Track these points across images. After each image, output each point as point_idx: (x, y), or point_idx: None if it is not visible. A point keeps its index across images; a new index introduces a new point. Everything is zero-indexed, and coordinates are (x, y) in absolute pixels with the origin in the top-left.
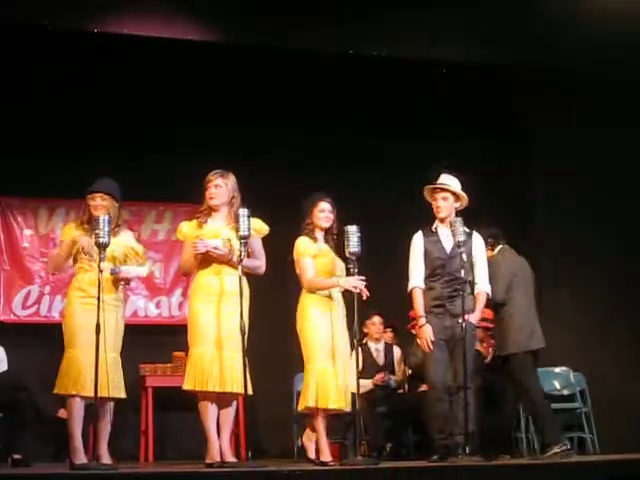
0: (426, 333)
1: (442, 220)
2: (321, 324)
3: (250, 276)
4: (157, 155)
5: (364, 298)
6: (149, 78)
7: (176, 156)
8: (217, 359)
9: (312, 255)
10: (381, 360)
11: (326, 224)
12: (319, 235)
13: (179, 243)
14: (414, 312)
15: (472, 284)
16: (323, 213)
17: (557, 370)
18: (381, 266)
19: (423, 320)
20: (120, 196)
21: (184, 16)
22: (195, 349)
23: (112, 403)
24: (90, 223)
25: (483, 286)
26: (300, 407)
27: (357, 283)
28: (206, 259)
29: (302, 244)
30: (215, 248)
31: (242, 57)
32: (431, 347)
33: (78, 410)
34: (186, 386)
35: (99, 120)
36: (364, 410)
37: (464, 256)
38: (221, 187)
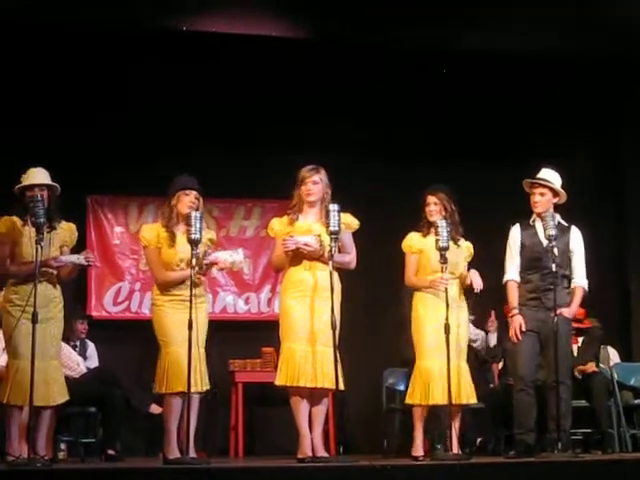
0: (516, 323)
1: (538, 214)
2: (425, 322)
3: (342, 271)
4: (245, 152)
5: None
6: (237, 75)
7: (264, 152)
8: (309, 354)
9: (414, 251)
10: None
11: (431, 218)
12: (432, 229)
13: (268, 239)
14: (508, 306)
15: (569, 279)
16: (428, 207)
17: None
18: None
19: (515, 311)
20: None
21: (271, 13)
22: (287, 344)
23: (200, 397)
24: (177, 222)
25: (579, 281)
26: (408, 401)
27: (438, 284)
28: (297, 255)
29: (406, 240)
30: (305, 244)
31: (329, 52)
32: (519, 337)
33: (177, 406)
34: (278, 382)
35: (188, 118)
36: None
37: (555, 250)
38: (318, 183)
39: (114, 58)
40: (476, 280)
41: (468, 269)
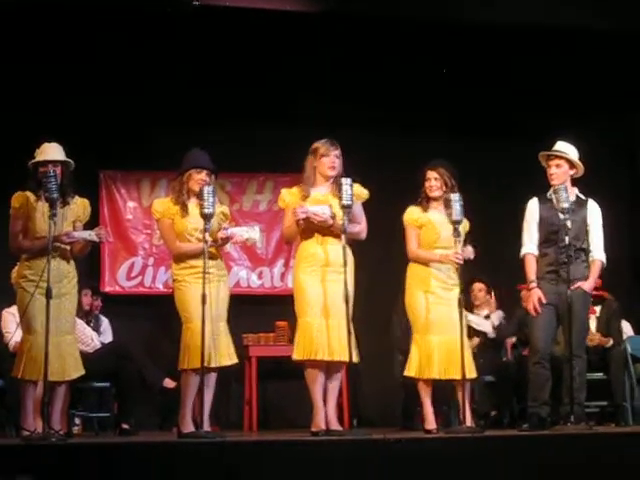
0: (534, 296)
1: (553, 187)
2: (420, 295)
3: (354, 244)
4: (257, 126)
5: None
6: (250, 50)
7: (276, 126)
8: (324, 328)
9: (417, 226)
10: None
11: (431, 193)
12: (433, 204)
13: (281, 213)
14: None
15: (587, 252)
16: (429, 182)
17: None
18: (494, 232)
19: (534, 284)
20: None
21: None
22: (304, 319)
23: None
24: (188, 198)
25: (597, 254)
26: (406, 373)
27: (454, 258)
28: (309, 228)
29: (407, 214)
30: (315, 214)
31: (343, 26)
32: (539, 310)
33: (195, 381)
34: (296, 356)
35: (199, 93)
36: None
37: (569, 223)
38: (339, 157)
39: (126, 32)
40: (467, 253)
41: (465, 244)
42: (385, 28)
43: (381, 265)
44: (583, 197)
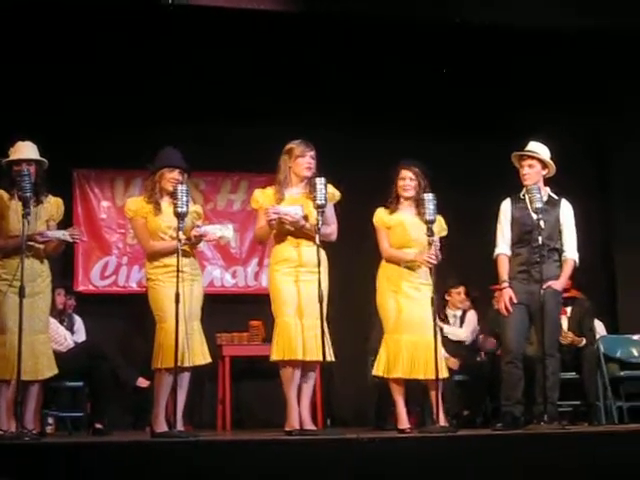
0: (506, 296)
1: (525, 187)
2: (390, 296)
3: (327, 244)
4: (232, 125)
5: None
6: (225, 49)
7: (251, 126)
8: (299, 328)
9: (387, 227)
10: (457, 325)
11: (405, 193)
12: (404, 204)
13: (255, 213)
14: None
15: (560, 252)
16: (403, 181)
17: (635, 337)
18: (468, 233)
19: (505, 284)
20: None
21: None
22: (281, 319)
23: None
24: (161, 197)
25: (570, 253)
26: (374, 372)
27: (428, 259)
28: (282, 231)
29: (376, 216)
30: (286, 214)
31: (319, 26)
32: (510, 309)
33: (168, 381)
34: (275, 356)
35: (173, 91)
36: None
37: (542, 223)
38: (314, 158)
39: (101, 30)
40: (434, 250)
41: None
42: (359, 26)
43: (354, 266)
44: (555, 197)
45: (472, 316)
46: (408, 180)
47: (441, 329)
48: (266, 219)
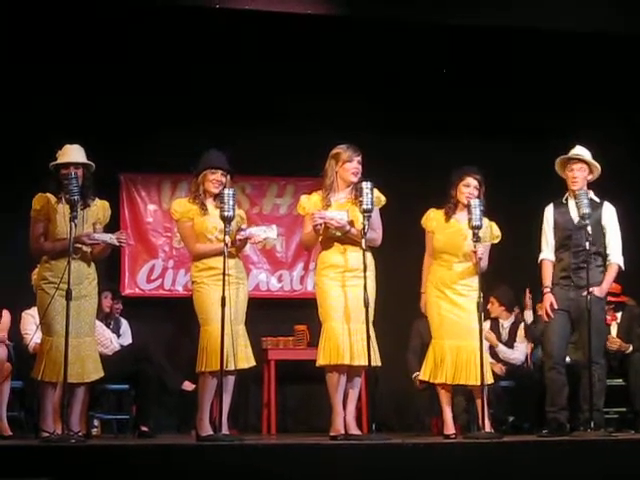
0: (547, 302)
1: (573, 191)
2: (435, 301)
3: (373, 249)
4: (278, 129)
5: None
6: (270, 53)
7: (298, 130)
8: (347, 332)
9: (432, 230)
10: (505, 336)
11: (468, 200)
12: (461, 209)
13: (301, 217)
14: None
15: (603, 256)
16: (468, 188)
17: None
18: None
19: (547, 289)
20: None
21: None
22: (328, 323)
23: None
24: (205, 198)
25: (614, 258)
26: (421, 377)
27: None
28: (328, 237)
29: (425, 217)
30: (332, 219)
31: (361, 29)
32: (551, 315)
33: (213, 385)
34: (322, 361)
35: (219, 95)
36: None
37: (589, 228)
38: (361, 163)
39: (150, 33)
40: (480, 250)
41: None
42: (395, 31)
43: (399, 270)
44: (597, 200)
45: (522, 331)
46: (473, 188)
47: (494, 348)
48: (312, 224)
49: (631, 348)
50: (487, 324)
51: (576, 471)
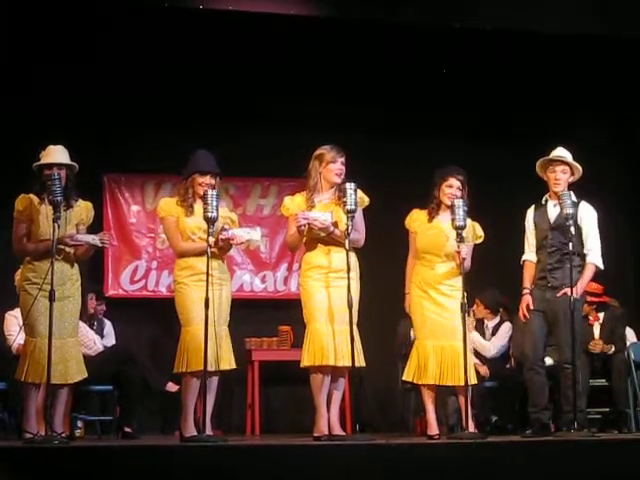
0: (523, 302)
1: (556, 192)
2: (418, 302)
3: (358, 251)
4: (262, 130)
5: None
6: (254, 54)
7: (281, 131)
8: (331, 333)
9: (415, 231)
10: (489, 336)
11: (450, 201)
12: (444, 210)
13: (284, 218)
14: None
15: (581, 256)
16: (450, 189)
17: None
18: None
19: (525, 291)
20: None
21: None
22: (313, 325)
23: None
24: (194, 201)
25: (592, 258)
26: (405, 377)
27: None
28: (312, 239)
29: (409, 217)
30: (315, 220)
31: (345, 30)
32: (527, 316)
33: (195, 386)
34: (306, 362)
35: (202, 96)
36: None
37: (572, 229)
38: (344, 164)
39: (129, 33)
40: (464, 251)
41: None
42: (386, 32)
43: (381, 270)
44: (575, 199)
45: (505, 328)
46: (456, 189)
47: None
48: (295, 225)
49: (613, 349)
50: (472, 323)
51: (560, 471)
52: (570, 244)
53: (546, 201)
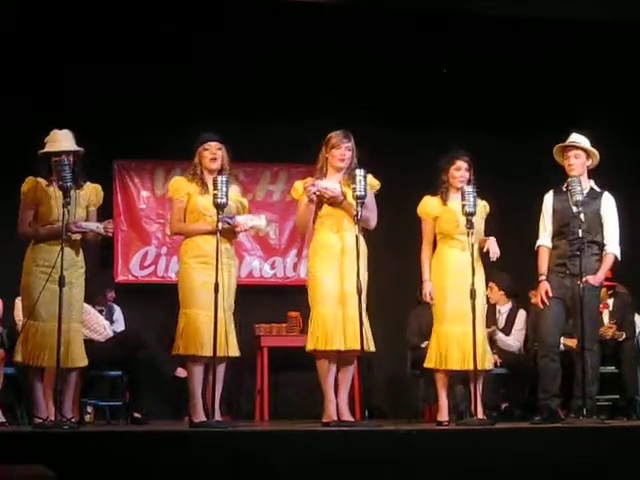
0: (541, 289)
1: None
2: (435, 288)
3: (368, 234)
4: (271, 116)
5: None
6: (263, 41)
7: (290, 116)
8: (340, 318)
9: (433, 217)
10: (502, 322)
11: (460, 184)
12: (455, 193)
13: (294, 204)
14: None
15: (600, 245)
16: (459, 172)
17: None
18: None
19: (542, 277)
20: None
21: None
22: (317, 309)
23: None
24: (205, 176)
25: (610, 247)
26: (427, 364)
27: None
28: (322, 220)
29: (422, 204)
30: (326, 189)
31: (358, 19)
32: (546, 302)
33: (198, 371)
34: (310, 346)
35: (213, 83)
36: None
37: (582, 216)
38: (350, 150)
39: (137, 21)
40: (493, 248)
41: (486, 234)
42: (392, 21)
43: (394, 257)
44: (598, 189)
45: (522, 318)
46: (464, 170)
47: (492, 335)
48: (306, 195)
49: (624, 335)
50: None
51: (568, 458)
52: (580, 231)
53: (567, 187)
